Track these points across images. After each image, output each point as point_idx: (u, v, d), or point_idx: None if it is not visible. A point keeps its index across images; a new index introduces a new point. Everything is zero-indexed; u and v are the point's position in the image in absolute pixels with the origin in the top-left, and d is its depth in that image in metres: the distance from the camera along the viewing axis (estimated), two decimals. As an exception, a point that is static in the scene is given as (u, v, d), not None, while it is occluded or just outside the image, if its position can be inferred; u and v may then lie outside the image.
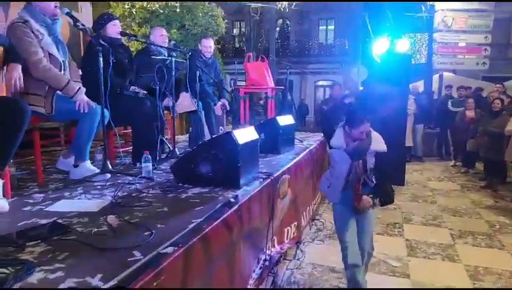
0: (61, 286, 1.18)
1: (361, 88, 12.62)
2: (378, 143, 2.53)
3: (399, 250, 3.65)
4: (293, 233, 3.59)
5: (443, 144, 8.67)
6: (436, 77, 11.03)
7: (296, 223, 3.65)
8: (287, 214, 3.31)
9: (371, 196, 2.55)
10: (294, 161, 3.43)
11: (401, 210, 4.87)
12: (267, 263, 2.81)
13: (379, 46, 6.21)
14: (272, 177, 2.68)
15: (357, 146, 2.49)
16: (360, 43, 11.61)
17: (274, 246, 3.15)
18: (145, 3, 7.04)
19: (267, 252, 2.80)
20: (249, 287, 2.49)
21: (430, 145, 8.83)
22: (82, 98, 2.57)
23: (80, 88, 2.58)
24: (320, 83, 20.78)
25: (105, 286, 1.17)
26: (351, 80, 12.22)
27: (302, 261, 3.43)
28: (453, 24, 10.65)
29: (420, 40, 12.87)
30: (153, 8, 7.11)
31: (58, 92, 2.54)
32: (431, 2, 10.20)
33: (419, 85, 9.89)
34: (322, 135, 2.88)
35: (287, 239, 3.45)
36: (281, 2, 8.20)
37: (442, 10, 10.64)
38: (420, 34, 12.74)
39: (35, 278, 1.23)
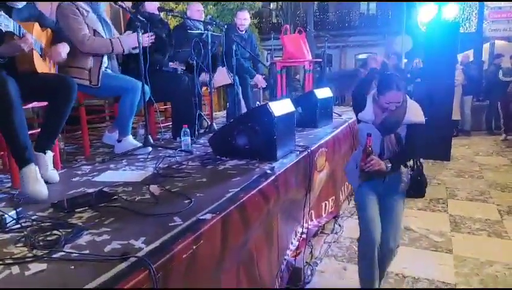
0: (107, 247, 1.25)
1: (405, 60, 12.07)
2: (415, 113, 2.18)
3: (442, 225, 3.55)
4: (331, 207, 3.58)
5: (493, 117, 8.17)
6: (486, 45, 10.31)
7: (334, 197, 3.63)
8: (324, 188, 3.30)
9: (387, 160, 2.14)
10: (332, 134, 3.37)
11: (445, 185, 4.70)
12: (304, 235, 2.83)
13: (425, 14, 5.88)
14: (309, 150, 2.66)
15: (386, 118, 2.15)
16: (405, 11, 11.03)
17: (312, 220, 3.17)
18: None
19: (304, 225, 2.83)
20: (286, 257, 2.53)
21: (478, 119, 8.36)
22: (133, 36, 2.66)
23: (118, 38, 2.71)
24: (361, 56, 20.05)
25: (148, 248, 1.23)
26: (394, 52, 11.70)
27: (340, 235, 3.42)
28: (508, -14, 9.83)
29: (470, 6, 12.00)
30: (190, -15, 7.11)
31: (103, 69, 2.64)
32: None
33: (468, 54, 9.30)
34: (352, 107, 2.47)
35: (324, 213, 3.45)
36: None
37: (496, -28, 9.85)
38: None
39: (83, 240, 1.32)
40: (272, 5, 20.13)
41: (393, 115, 2.14)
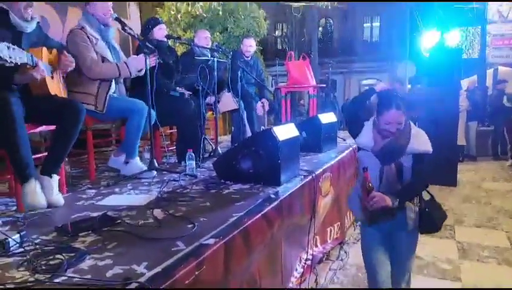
0: (109, 272, 1.24)
1: (409, 85, 12.16)
2: (420, 141, 1.98)
3: (450, 252, 3.48)
4: (336, 233, 3.53)
5: (498, 142, 8.13)
6: (490, 71, 10.39)
7: (339, 223, 3.59)
8: (329, 214, 3.27)
9: (393, 196, 1.93)
10: (337, 159, 3.37)
11: (452, 211, 4.62)
12: (309, 262, 2.79)
13: (428, 41, 5.98)
14: (313, 175, 2.66)
15: (386, 144, 1.96)
16: (408, 38, 11.21)
17: (316, 246, 3.12)
18: (189, 8, 7.25)
19: (309, 251, 2.78)
20: (290, 285, 2.49)
21: (484, 144, 8.31)
22: (139, 59, 2.72)
23: (125, 62, 2.76)
24: (365, 82, 20.25)
25: (150, 273, 1.22)
26: (398, 77, 11.81)
27: (345, 262, 3.36)
28: (510, 14, 9.99)
29: (472, 33, 12.18)
30: (197, 13, 7.31)
31: (110, 93, 2.69)
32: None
33: (472, 80, 9.37)
34: (349, 132, 2.25)
35: (329, 239, 3.40)
36: (322, 1, 8.12)
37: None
38: (472, 27, 12.06)
39: (86, 264, 1.31)
40: (277, 32, 20.57)
41: (395, 142, 1.95)
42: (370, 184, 1.95)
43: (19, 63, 1.79)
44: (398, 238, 2.11)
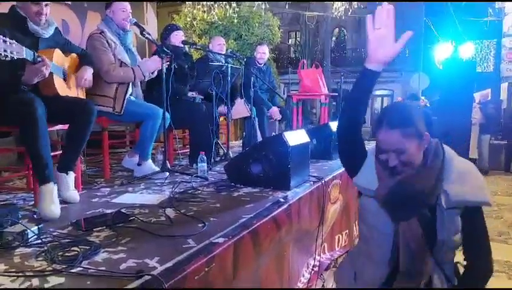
0: (123, 265, 1.29)
1: (422, 97, 12.10)
2: (471, 185, 1.31)
3: (459, 266, 3.44)
4: (345, 241, 3.54)
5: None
6: (504, 85, 10.29)
7: (347, 231, 3.59)
8: (338, 221, 3.28)
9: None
10: (347, 167, 3.38)
11: (462, 224, 4.58)
12: (316, 268, 2.80)
13: (442, 52, 5.98)
14: (323, 181, 2.68)
15: (397, 184, 1.26)
16: (421, 50, 11.20)
17: (324, 253, 3.13)
18: (205, 15, 7.38)
19: (316, 257, 2.80)
20: None
21: (497, 157, 8.21)
22: (151, 61, 2.81)
23: (138, 65, 2.83)
24: (377, 92, 20.20)
25: (162, 267, 1.27)
26: (411, 89, 11.75)
27: (353, 270, 3.35)
28: (526, 28, 9.92)
29: (488, 46, 12.09)
30: (212, 20, 7.45)
31: (128, 96, 2.77)
32: (500, 4, 9.56)
33: (485, 93, 9.30)
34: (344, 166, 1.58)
35: (338, 247, 3.41)
36: (337, 10, 8.19)
37: (514, 14, 9.95)
38: (487, 40, 11.97)
39: (100, 257, 1.37)
40: (291, 41, 20.69)
41: (412, 179, 1.25)
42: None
43: (15, 57, 1.76)
44: None
